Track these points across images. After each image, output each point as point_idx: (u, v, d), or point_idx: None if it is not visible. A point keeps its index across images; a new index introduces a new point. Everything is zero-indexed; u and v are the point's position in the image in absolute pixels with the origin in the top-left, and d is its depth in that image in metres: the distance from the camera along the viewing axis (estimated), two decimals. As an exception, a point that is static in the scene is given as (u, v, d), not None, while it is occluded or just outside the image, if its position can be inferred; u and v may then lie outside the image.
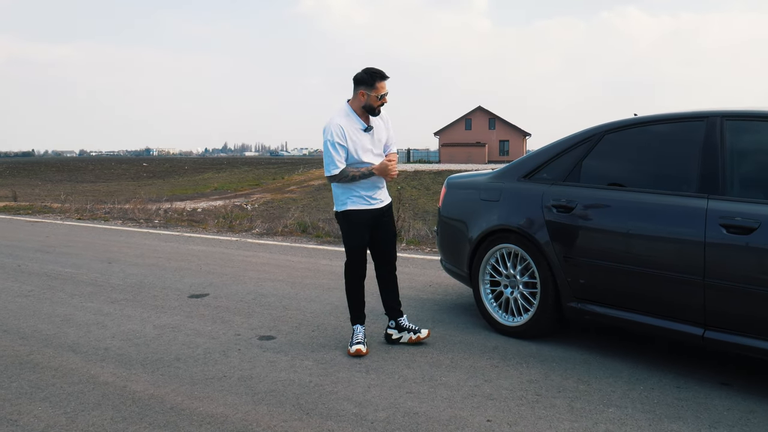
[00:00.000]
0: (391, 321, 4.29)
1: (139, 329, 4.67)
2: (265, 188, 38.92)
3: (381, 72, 3.94)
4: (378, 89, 3.92)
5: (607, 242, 3.80)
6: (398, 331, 4.24)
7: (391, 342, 4.25)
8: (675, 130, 3.78)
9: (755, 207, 3.25)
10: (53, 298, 5.69)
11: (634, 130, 3.92)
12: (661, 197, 3.62)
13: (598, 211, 3.87)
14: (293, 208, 15.56)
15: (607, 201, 3.84)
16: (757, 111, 3.47)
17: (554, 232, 4.01)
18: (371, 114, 4.02)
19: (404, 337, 4.23)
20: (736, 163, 3.45)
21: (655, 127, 3.86)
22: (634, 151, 3.94)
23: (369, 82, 3.91)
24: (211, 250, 8.43)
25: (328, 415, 3.15)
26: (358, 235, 4.10)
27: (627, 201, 3.76)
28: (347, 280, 4.21)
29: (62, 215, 13.34)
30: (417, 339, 4.20)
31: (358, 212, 4.07)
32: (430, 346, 4.19)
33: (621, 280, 3.72)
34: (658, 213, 3.59)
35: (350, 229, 4.11)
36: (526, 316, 4.25)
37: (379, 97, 3.94)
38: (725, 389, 3.41)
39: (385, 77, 3.94)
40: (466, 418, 3.10)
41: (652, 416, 3.09)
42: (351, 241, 4.13)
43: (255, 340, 4.38)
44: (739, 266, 3.25)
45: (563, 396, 3.36)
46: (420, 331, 4.22)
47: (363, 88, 3.93)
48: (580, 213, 3.92)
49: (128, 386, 3.57)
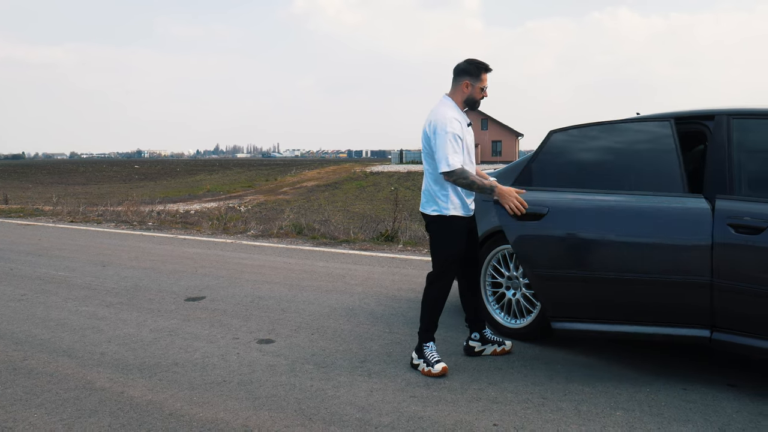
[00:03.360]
0: (475, 333, 4.00)
1: (135, 333, 4.59)
2: (258, 190, 38.79)
3: (486, 64, 3.73)
4: (483, 81, 3.72)
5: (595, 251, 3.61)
6: (482, 343, 3.99)
7: (472, 355, 3.98)
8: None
9: (764, 206, 3.21)
10: (47, 302, 5.60)
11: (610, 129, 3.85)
12: (660, 199, 3.50)
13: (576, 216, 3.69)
14: (287, 209, 15.48)
15: (589, 205, 3.65)
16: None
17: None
18: (471, 108, 3.79)
19: (488, 350, 3.99)
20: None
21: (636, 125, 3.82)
22: (618, 153, 3.77)
23: (474, 73, 3.71)
24: (207, 252, 8.35)
25: (331, 420, 3.09)
26: (460, 243, 3.74)
27: (616, 204, 3.57)
28: (437, 293, 3.77)
29: (54, 218, 13.22)
30: (502, 351, 3.98)
31: (460, 219, 3.72)
32: (432, 349, 4.13)
33: (614, 291, 3.52)
34: (658, 216, 3.46)
35: (452, 236, 3.72)
36: (528, 318, 4.20)
37: (482, 89, 3.74)
38: (733, 391, 3.36)
39: (489, 70, 3.74)
40: (473, 423, 3.04)
41: (661, 419, 3.05)
42: (452, 250, 3.73)
43: (254, 343, 4.31)
44: (748, 266, 3.21)
45: (569, 399, 3.31)
46: (504, 342, 4.01)
47: (468, 79, 3.71)
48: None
49: (126, 392, 3.50)
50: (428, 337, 3.79)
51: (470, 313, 3.99)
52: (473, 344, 3.99)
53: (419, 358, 3.76)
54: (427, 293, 3.80)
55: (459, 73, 3.76)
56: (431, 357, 3.71)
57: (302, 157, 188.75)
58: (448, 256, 3.74)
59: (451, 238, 3.72)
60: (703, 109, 3.67)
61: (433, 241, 3.80)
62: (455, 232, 3.72)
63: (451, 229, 3.71)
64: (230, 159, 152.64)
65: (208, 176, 55.59)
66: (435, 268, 3.78)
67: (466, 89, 3.73)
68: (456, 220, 3.71)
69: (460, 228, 3.73)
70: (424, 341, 3.78)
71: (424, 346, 3.77)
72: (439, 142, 3.59)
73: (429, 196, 3.76)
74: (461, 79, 3.74)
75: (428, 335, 3.80)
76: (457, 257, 3.76)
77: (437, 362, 3.67)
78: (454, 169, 3.56)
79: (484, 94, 3.78)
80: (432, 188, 3.74)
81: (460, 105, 3.77)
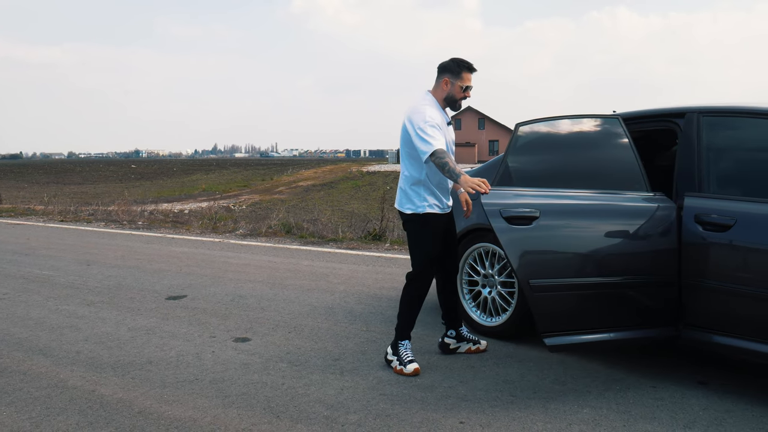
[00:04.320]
0: (451, 330, 3.99)
1: (113, 332, 4.59)
2: (254, 189, 38.76)
3: (469, 63, 3.69)
4: (464, 80, 3.66)
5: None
6: (457, 341, 3.98)
7: (447, 352, 3.98)
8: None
9: (731, 204, 3.22)
10: (28, 300, 5.60)
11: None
12: (624, 197, 3.47)
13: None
14: (277, 208, 15.47)
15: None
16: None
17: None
18: (452, 107, 3.74)
19: (462, 348, 3.98)
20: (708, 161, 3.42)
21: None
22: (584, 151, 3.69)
23: (455, 70, 3.67)
24: (193, 251, 8.34)
25: (298, 418, 3.09)
26: (437, 242, 3.72)
27: (578, 204, 3.46)
28: (414, 293, 3.76)
29: (45, 217, 13.20)
30: (476, 350, 3.97)
31: (437, 217, 3.70)
32: (407, 347, 4.13)
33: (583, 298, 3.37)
34: (622, 214, 3.42)
35: (428, 235, 3.69)
36: (504, 316, 4.20)
37: (464, 88, 3.68)
38: (702, 389, 3.37)
39: (472, 69, 3.69)
40: (439, 420, 3.05)
41: (627, 417, 3.05)
42: (429, 250, 3.70)
43: (230, 342, 4.31)
44: (715, 264, 3.22)
45: (538, 397, 3.31)
46: (480, 342, 4.00)
47: (448, 76, 3.67)
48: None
49: (97, 390, 3.50)
50: (404, 335, 3.79)
51: (447, 311, 3.98)
52: (448, 341, 3.99)
53: (393, 354, 3.76)
54: (406, 291, 3.80)
55: (441, 70, 3.74)
56: (405, 356, 3.71)
57: (300, 157, 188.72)
58: (426, 255, 3.72)
59: (429, 237, 3.70)
60: (674, 106, 3.68)
61: (411, 240, 3.79)
62: (432, 231, 3.69)
63: (428, 228, 3.68)
64: (228, 159, 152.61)
65: (205, 176, 55.53)
66: (414, 266, 3.78)
67: (446, 86, 3.70)
68: (432, 217, 3.68)
69: (437, 226, 3.71)
70: (400, 339, 3.78)
71: (400, 343, 3.77)
72: (415, 133, 3.53)
73: (404, 194, 3.74)
74: (442, 76, 3.72)
75: (404, 333, 3.79)
76: (435, 255, 3.74)
77: (410, 362, 3.67)
78: (435, 149, 3.43)
79: (466, 94, 3.73)
80: (407, 188, 3.72)
81: (441, 103, 3.73)
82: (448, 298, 3.99)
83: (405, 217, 3.77)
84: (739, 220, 3.14)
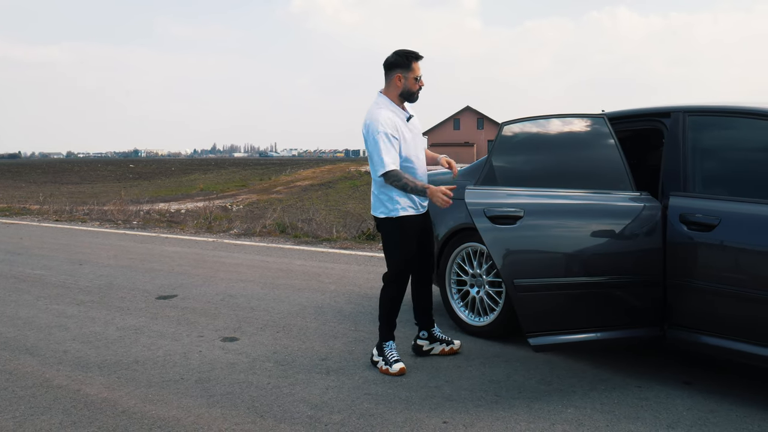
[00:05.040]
0: (423, 331, 3.96)
1: (101, 331, 4.58)
2: (252, 189, 38.73)
3: (416, 52, 3.64)
4: (414, 70, 3.62)
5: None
6: (430, 341, 3.94)
7: (421, 354, 3.94)
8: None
9: (716, 203, 3.21)
10: (19, 300, 5.59)
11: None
12: (607, 196, 3.45)
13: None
14: (272, 208, 15.45)
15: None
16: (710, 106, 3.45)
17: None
18: (409, 101, 3.70)
19: (436, 349, 3.94)
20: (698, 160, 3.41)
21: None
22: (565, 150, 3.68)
23: (404, 64, 3.61)
24: (186, 251, 8.34)
25: (282, 418, 3.09)
26: (411, 244, 3.69)
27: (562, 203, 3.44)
28: (390, 295, 3.75)
29: (40, 217, 13.19)
30: (450, 351, 3.93)
31: (411, 219, 3.65)
32: (395, 347, 4.12)
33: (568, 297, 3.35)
34: (606, 214, 3.40)
35: (403, 238, 3.66)
36: (492, 316, 4.19)
37: (417, 78, 3.64)
38: (687, 389, 3.36)
39: (419, 57, 3.64)
40: (423, 420, 3.04)
41: (611, 416, 3.05)
42: (404, 252, 3.68)
43: (218, 341, 4.31)
44: (700, 263, 3.21)
45: (523, 396, 3.31)
46: (453, 342, 3.96)
47: (399, 72, 3.61)
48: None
49: (82, 389, 3.49)
50: (387, 336, 3.78)
51: (420, 311, 3.96)
52: (421, 343, 3.96)
53: (379, 355, 3.75)
54: (383, 294, 3.79)
55: (389, 66, 3.66)
56: (390, 356, 3.71)
57: (299, 157, 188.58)
58: (402, 257, 3.70)
59: (402, 239, 3.67)
60: (660, 106, 3.67)
61: (385, 243, 3.76)
62: (406, 233, 3.67)
63: (402, 230, 3.66)
64: (227, 158, 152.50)
65: (203, 176, 55.47)
66: (389, 269, 3.76)
67: (399, 82, 3.64)
68: (406, 220, 3.65)
69: (412, 227, 3.69)
70: (384, 340, 3.77)
71: (384, 344, 3.76)
72: (371, 145, 3.54)
73: (376, 198, 3.71)
74: (393, 73, 3.64)
75: (387, 335, 3.78)
76: (410, 257, 3.72)
77: (396, 362, 3.67)
78: (388, 171, 3.48)
79: (420, 84, 3.67)
80: (378, 192, 3.68)
81: (396, 100, 3.68)
82: (423, 299, 3.96)
83: (378, 221, 3.74)
84: (723, 220, 3.13)
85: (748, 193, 3.16)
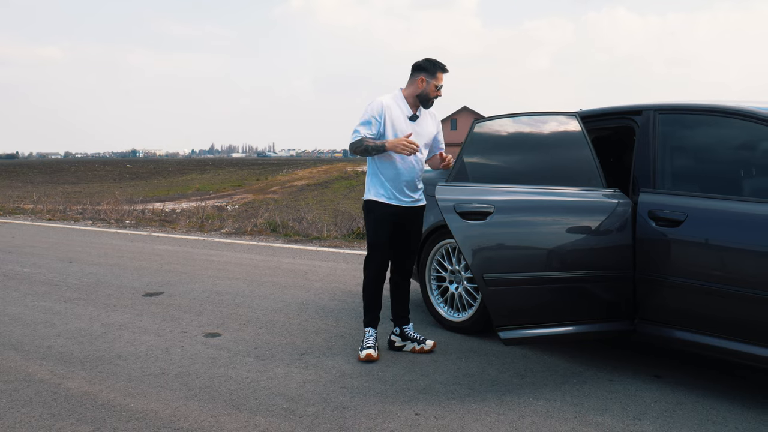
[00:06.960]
0: (396, 328, 4.08)
1: (86, 327, 4.63)
2: (248, 189, 38.79)
3: (443, 65, 3.88)
4: (438, 79, 3.83)
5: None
6: (402, 339, 4.04)
7: (393, 349, 4.04)
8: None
9: (683, 200, 3.28)
10: (6, 297, 5.64)
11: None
12: (581, 192, 3.53)
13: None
14: (263, 207, 15.50)
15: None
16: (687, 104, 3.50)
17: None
18: (424, 105, 3.90)
19: (407, 347, 4.02)
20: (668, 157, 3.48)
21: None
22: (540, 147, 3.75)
23: (431, 70, 3.83)
24: (176, 249, 8.39)
25: (257, 410, 3.14)
26: (379, 229, 3.88)
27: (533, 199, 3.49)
28: (365, 276, 3.98)
29: (33, 216, 13.23)
30: (421, 350, 3.98)
31: (381, 205, 3.85)
32: (374, 342, 4.18)
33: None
34: (576, 210, 3.47)
35: (372, 221, 3.91)
36: (470, 312, 4.26)
37: (437, 87, 3.84)
38: (657, 382, 3.43)
39: (446, 70, 3.88)
40: (395, 412, 3.10)
41: (579, 408, 3.11)
42: (371, 235, 3.94)
43: (200, 337, 4.36)
44: (668, 258, 3.28)
45: (495, 390, 3.37)
46: (425, 342, 4.01)
47: (424, 75, 3.83)
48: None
49: (63, 383, 3.54)
50: (367, 321, 3.97)
51: (396, 309, 4.08)
52: (394, 339, 4.07)
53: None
54: (364, 278, 3.99)
55: (417, 68, 3.89)
56: (364, 342, 3.89)
57: (297, 157, 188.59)
58: (371, 239, 3.94)
59: (371, 223, 3.91)
60: (632, 104, 3.73)
61: (366, 226, 4.03)
62: (376, 218, 3.88)
63: (372, 214, 3.89)
64: (224, 158, 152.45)
65: (199, 176, 55.55)
66: (367, 252, 4.00)
67: (421, 84, 3.84)
68: (376, 205, 3.86)
69: (382, 214, 3.86)
70: (364, 325, 3.98)
71: (364, 330, 3.95)
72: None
73: (366, 183, 4.00)
74: (418, 75, 3.86)
75: (367, 320, 3.98)
76: (380, 242, 3.89)
77: (366, 348, 3.85)
78: (352, 141, 3.81)
79: (438, 93, 3.89)
80: (367, 179, 3.99)
81: (410, 99, 3.88)
82: (400, 299, 4.09)
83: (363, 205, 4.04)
84: (690, 216, 3.20)
85: (715, 189, 3.22)
